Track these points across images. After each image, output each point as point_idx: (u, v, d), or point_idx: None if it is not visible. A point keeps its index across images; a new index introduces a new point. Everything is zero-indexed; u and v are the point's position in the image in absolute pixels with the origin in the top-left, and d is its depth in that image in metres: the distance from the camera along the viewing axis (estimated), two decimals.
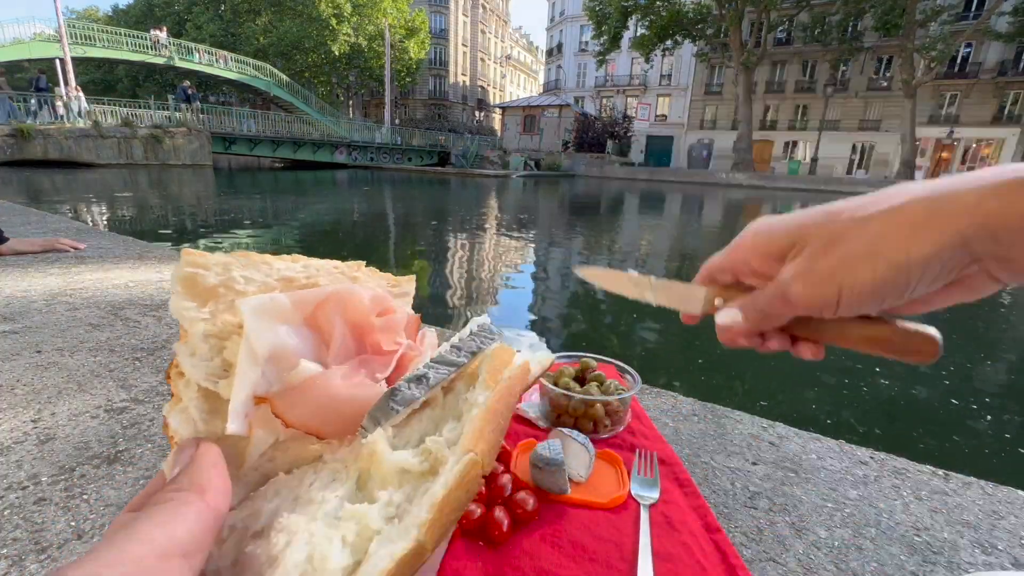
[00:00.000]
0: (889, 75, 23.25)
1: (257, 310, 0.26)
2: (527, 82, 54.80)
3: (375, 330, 0.32)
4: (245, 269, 0.28)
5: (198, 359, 0.26)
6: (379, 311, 0.33)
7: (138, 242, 2.05)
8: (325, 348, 0.30)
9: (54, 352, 0.91)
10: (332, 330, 0.30)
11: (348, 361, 0.30)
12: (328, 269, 0.32)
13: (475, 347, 0.33)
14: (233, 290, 0.28)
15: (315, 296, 0.29)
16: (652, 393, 0.84)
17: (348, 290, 0.31)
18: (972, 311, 3.21)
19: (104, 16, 38.86)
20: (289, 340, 0.28)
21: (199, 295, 0.27)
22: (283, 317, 0.28)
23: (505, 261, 4.24)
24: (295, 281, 0.30)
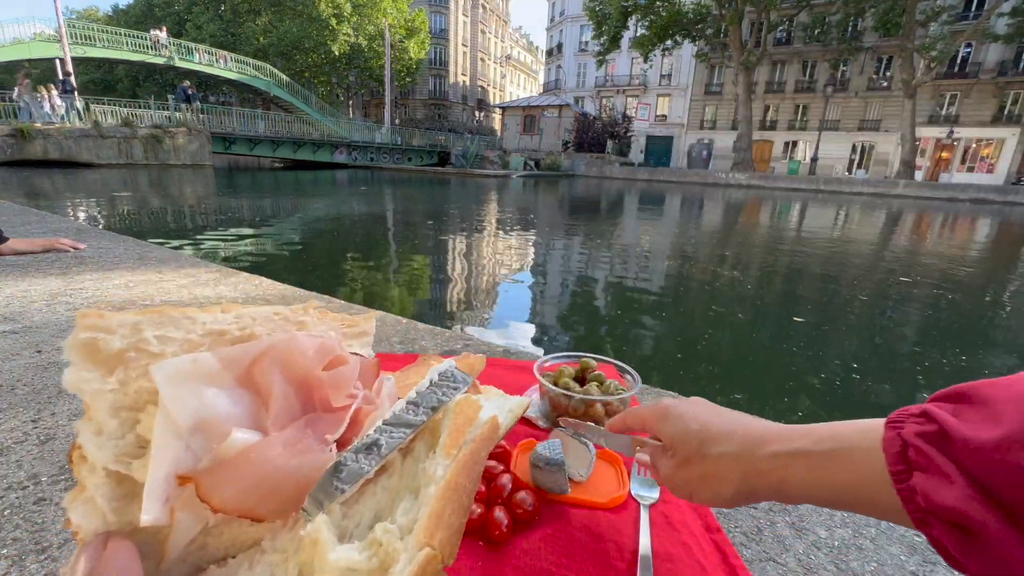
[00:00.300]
0: (889, 75, 23.23)
1: (174, 374, 0.23)
2: (527, 82, 54.79)
3: (323, 385, 0.28)
4: (160, 327, 0.25)
5: (105, 438, 0.23)
6: (326, 363, 0.29)
7: (138, 242, 2.05)
8: (264, 410, 0.26)
9: (54, 352, 0.91)
10: (271, 389, 0.26)
11: (293, 423, 0.26)
12: (267, 316, 0.29)
13: (435, 401, 0.30)
14: (147, 353, 0.24)
15: (248, 351, 0.26)
16: (652, 393, 0.84)
17: (287, 342, 0.27)
18: (975, 313, 3.21)
19: (104, 16, 38.84)
20: (218, 405, 0.24)
21: (103, 363, 0.23)
22: (209, 379, 0.24)
23: (505, 261, 4.24)
24: (226, 335, 0.27)
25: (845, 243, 6.20)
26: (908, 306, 3.24)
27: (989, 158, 22.03)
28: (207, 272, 1.58)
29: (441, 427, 0.29)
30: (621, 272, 3.97)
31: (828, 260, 4.92)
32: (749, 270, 4.29)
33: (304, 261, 3.86)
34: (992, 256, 5.85)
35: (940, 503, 0.21)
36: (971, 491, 0.20)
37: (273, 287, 1.43)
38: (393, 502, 0.26)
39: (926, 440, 0.23)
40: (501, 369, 0.84)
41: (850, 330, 2.72)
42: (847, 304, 3.26)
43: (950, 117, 22.35)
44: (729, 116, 26.24)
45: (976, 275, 4.53)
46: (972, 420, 0.22)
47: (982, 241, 7.15)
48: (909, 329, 2.79)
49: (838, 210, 11.16)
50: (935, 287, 3.82)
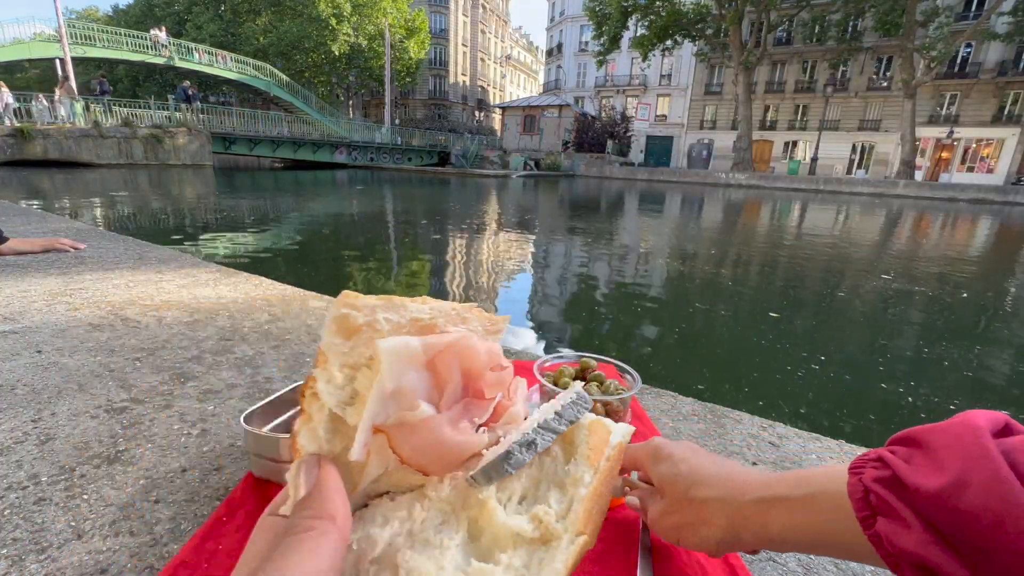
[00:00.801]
0: (889, 75, 23.24)
1: (393, 351, 0.29)
2: (527, 82, 54.80)
3: (484, 381, 0.35)
4: (387, 311, 0.31)
5: (333, 386, 0.29)
6: (492, 366, 0.36)
7: (138, 242, 2.05)
8: (438, 391, 0.32)
9: (54, 352, 0.91)
10: (449, 376, 0.32)
11: (455, 405, 0.33)
12: (446, 310, 0.35)
13: (573, 416, 0.36)
14: (373, 329, 0.30)
15: (440, 343, 0.32)
16: (652, 393, 0.84)
17: (469, 342, 0.34)
18: (974, 313, 3.21)
19: (104, 16, 38.87)
20: (412, 381, 0.30)
21: (345, 331, 0.30)
22: (412, 360, 0.31)
23: (505, 261, 4.24)
24: (420, 322, 0.33)
25: (845, 243, 6.20)
26: (908, 307, 3.24)
27: (989, 158, 22.04)
28: (207, 272, 1.58)
29: (577, 439, 0.36)
30: (621, 272, 3.97)
31: (829, 260, 4.92)
32: (749, 270, 4.29)
33: (304, 261, 3.87)
34: (993, 256, 5.85)
35: (903, 548, 0.22)
36: (927, 536, 0.22)
37: (273, 287, 1.43)
38: (537, 488, 0.33)
39: (883, 485, 0.24)
40: None
41: (849, 330, 2.72)
42: (846, 304, 3.26)
43: (950, 117, 22.36)
44: (729, 116, 26.26)
45: (977, 275, 4.53)
46: (921, 466, 0.23)
47: (982, 241, 7.15)
48: (908, 329, 2.79)
49: (838, 210, 11.17)
50: (935, 288, 3.82)
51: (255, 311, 1.19)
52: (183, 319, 1.11)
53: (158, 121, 15.39)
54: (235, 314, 1.16)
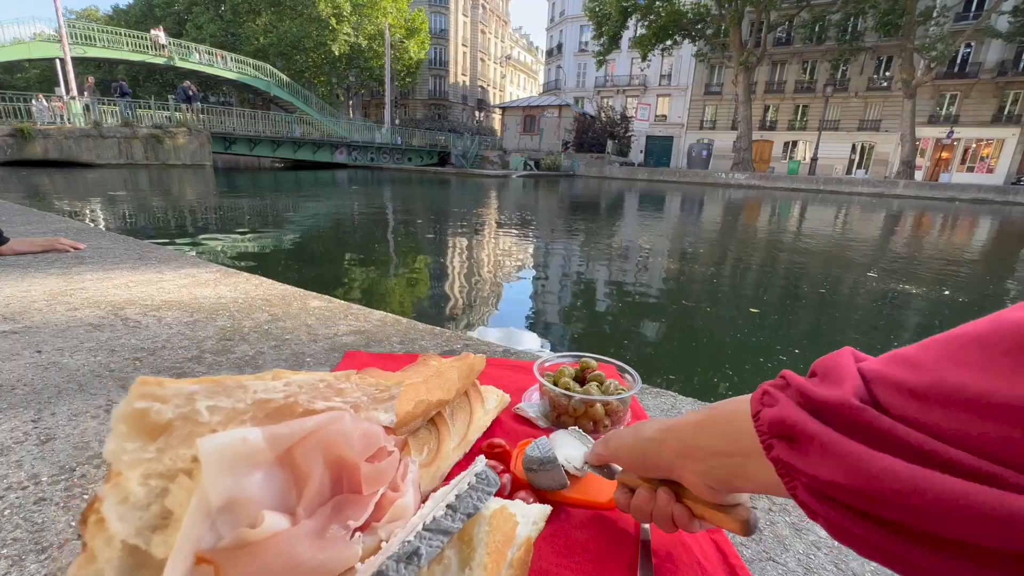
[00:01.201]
0: (889, 75, 23.24)
1: (221, 451, 0.23)
2: (527, 82, 54.79)
3: (360, 475, 0.28)
4: (213, 397, 0.25)
5: (130, 507, 0.22)
6: (370, 454, 0.29)
7: (139, 242, 2.05)
8: (296, 492, 0.26)
9: (54, 352, 0.91)
10: (310, 473, 0.26)
11: (321, 508, 0.26)
12: (312, 384, 0.29)
13: (472, 508, 0.30)
14: (193, 422, 0.24)
15: (296, 432, 0.26)
16: (652, 393, 0.84)
17: (337, 428, 0.27)
18: (975, 311, 3.21)
19: (104, 16, 38.87)
20: (253, 485, 0.24)
21: (147, 431, 0.23)
22: (253, 459, 0.24)
23: (505, 261, 4.24)
24: (270, 403, 0.27)
25: (845, 243, 6.20)
26: (908, 307, 3.24)
27: (989, 158, 22.03)
28: (207, 272, 1.58)
29: (475, 539, 0.29)
30: (621, 272, 3.97)
31: (829, 260, 4.92)
32: (749, 270, 4.29)
33: (304, 261, 3.87)
34: (994, 256, 5.85)
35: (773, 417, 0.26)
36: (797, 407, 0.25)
37: (273, 287, 1.43)
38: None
39: (774, 386, 0.28)
40: (501, 369, 0.84)
41: (849, 329, 2.72)
42: (847, 303, 3.26)
43: (950, 117, 22.35)
44: (729, 116, 26.25)
45: (977, 275, 4.53)
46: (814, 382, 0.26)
47: (982, 241, 7.15)
48: (908, 329, 2.79)
49: (838, 210, 11.16)
50: (936, 287, 3.82)
51: (255, 311, 1.19)
52: (183, 319, 1.11)
53: (158, 121, 15.39)
54: (235, 314, 1.16)
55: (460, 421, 0.61)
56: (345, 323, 1.12)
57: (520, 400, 0.72)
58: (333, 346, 0.97)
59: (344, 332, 1.06)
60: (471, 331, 2.48)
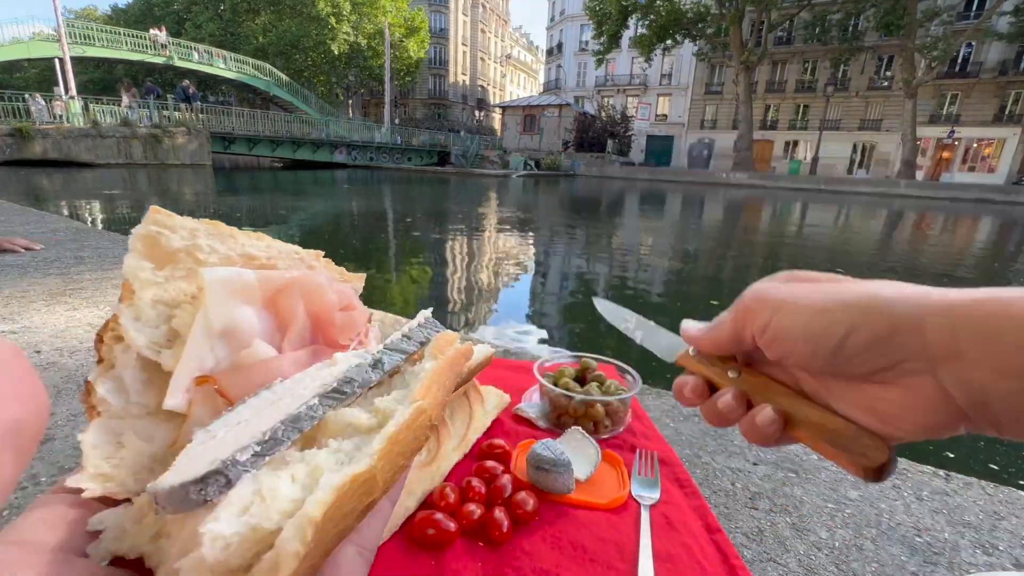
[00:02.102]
0: (890, 75, 23.23)
1: (221, 282, 0.25)
2: (527, 82, 54.75)
3: (334, 324, 0.31)
4: (211, 238, 0.27)
5: (143, 324, 0.24)
6: (342, 306, 0.32)
7: None
8: (280, 333, 0.29)
9: (53, 352, 0.90)
10: (292, 316, 0.29)
11: (303, 349, 0.29)
12: (288, 253, 0.32)
13: (423, 337, 0.33)
14: (194, 258, 0.26)
15: (281, 279, 0.28)
16: (652, 393, 0.84)
17: (315, 280, 0.30)
18: None
19: (103, 16, 38.84)
20: (247, 318, 0.26)
21: (158, 257, 0.26)
22: (246, 294, 0.27)
23: (505, 261, 4.24)
24: (256, 259, 0.29)
25: (845, 243, 6.20)
26: None
27: (990, 158, 22.02)
28: None
29: (424, 352, 0.32)
30: (621, 271, 3.97)
31: (829, 260, 4.92)
32: (749, 270, 4.29)
33: None
34: (995, 255, 5.85)
35: None
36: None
37: None
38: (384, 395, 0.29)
39: None
40: (501, 369, 0.84)
41: None
42: None
43: (951, 117, 22.34)
44: (729, 116, 26.24)
45: (978, 274, 4.52)
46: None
47: (983, 241, 7.15)
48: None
49: (839, 210, 11.16)
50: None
51: None
52: None
53: (157, 121, 15.39)
54: None
55: (460, 421, 0.61)
56: None
57: (520, 400, 0.72)
58: None
59: None
60: (471, 331, 2.48)
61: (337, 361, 0.27)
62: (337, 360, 0.27)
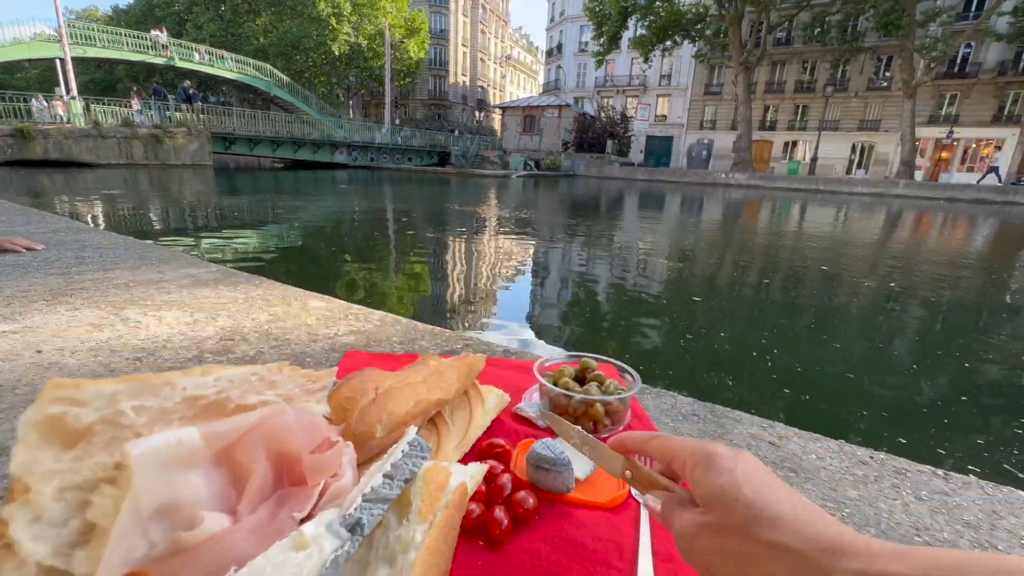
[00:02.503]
0: (889, 75, 23.25)
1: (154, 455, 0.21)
2: (527, 82, 54.80)
3: (303, 467, 0.27)
4: (138, 396, 0.23)
5: (45, 525, 0.19)
6: (313, 446, 0.28)
7: (139, 242, 2.05)
8: (236, 490, 0.24)
9: (54, 352, 0.91)
10: (251, 468, 0.25)
11: (264, 502, 0.25)
12: (244, 378, 0.28)
13: (408, 472, 0.29)
14: (116, 424, 0.22)
15: (236, 428, 0.24)
16: (652, 393, 0.84)
17: (278, 424, 0.26)
18: (972, 311, 3.21)
19: (104, 16, 38.87)
20: (191, 487, 0.22)
21: (63, 438, 0.21)
22: (189, 459, 0.22)
23: (505, 261, 4.24)
24: (201, 400, 0.25)
25: (845, 243, 6.20)
26: (908, 306, 3.24)
27: (989, 158, 22.04)
28: (207, 272, 1.58)
29: (411, 495, 0.29)
30: (621, 271, 3.97)
31: (828, 260, 4.92)
32: (749, 270, 4.29)
33: (304, 260, 3.87)
34: (995, 255, 5.86)
35: None
36: None
37: (273, 286, 1.43)
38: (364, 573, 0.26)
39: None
40: (501, 369, 0.84)
41: (850, 328, 2.72)
42: (847, 303, 3.26)
43: (950, 117, 22.36)
44: (729, 116, 26.26)
45: (978, 274, 4.53)
46: None
47: (983, 241, 7.15)
48: (908, 329, 2.79)
49: (838, 210, 11.17)
50: (936, 287, 3.82)
51: (255, 311, 1.19)
52: (183, 319, 1.11)
53: (158, 121, 15.41)
54: (235, 314, 1.16)
55: (460, 421, 0.61)
56: (345, 323, 1.12)
57: (520, 400, 0.72)
58: (333, 346, 0.97)
59: (344, 332, 1.06)
60: (471, 331, 2.48)
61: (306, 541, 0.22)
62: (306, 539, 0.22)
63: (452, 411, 0.61)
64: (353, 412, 0.44)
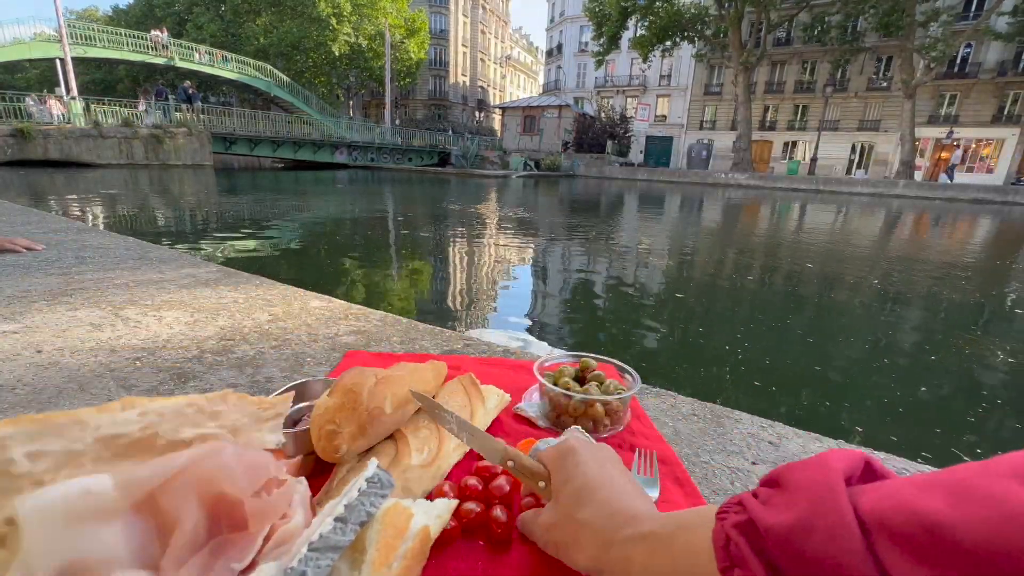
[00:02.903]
0: (889, 75, 23.26)
1: (49, 511, 0.18)
2: (527, 82, 54.81)
3: (245, 512, 0.24)
4: (34, 441, 0.20)
5: None
6: (257, 487, 0.25)
7: (139, 242, 2.05)
8: (159, 542, 0.21)
9: (54, 352, 0.91)
10: (179, 517, 0.22)
11: (198, 554, 0.22)
12: (177, 410, 0.25)
13: (364, 515, 0.26)
14: (7, 475, 0.19)
15: (158, 474, 0.21)
16: (652, 393, 0.84)
17: (214, 462, 0.23)
18: (972, 312, 3.21)
19: (104, 16, 38.89)
20: (100, 543, 0.19)
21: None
22: (99, 512, 0.19)
23: (505, 261, 4.25)
24: (122, 439, 0.22)
25: (845, 243, 6.20)
26: (908, 307, 3.24)
27: (989, 158, 22.05)
28: (208, 272, 1.58)
29: (367, 539, 0.26)
30: (621, 271, 3.97)
31: (828, 260, 4.92)
32: (748, 270, 4.29)
33: (304, 260, 3.87)
34: (995, 256, 5.86)
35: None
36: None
37: (273, 286, 1.43)
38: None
39: (740, 531, 0.22)
40: (501, 369, 0.84)
41: (849, 329, 2.72)
42: (847, 303, 3.26)
43: (950, 117, 22.36)
44: (728, 116, 26.26)
45: (978, 274, 4.53)
46: (776, 506, 0.22)
47: (983, 241, 7.15)
48: (908, 329, 2.79)
49: (838, 210, 11.17)
50: (935, 288, 3.82)
51: (255, 311, 1.19)
52: (184, 319, 1.11)
53: (158, 121, 15.42)
54: (235, 314, 1.16)
55: None
56: (345, 323, 1.12)
57: (520, 400, 0.72)
58: (333, 346, 0.97)
59: (344, 332, 1.06)
60: (471, 331, 2.48)
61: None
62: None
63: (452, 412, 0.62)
64: (362, 393, 0.49)
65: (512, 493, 0.49)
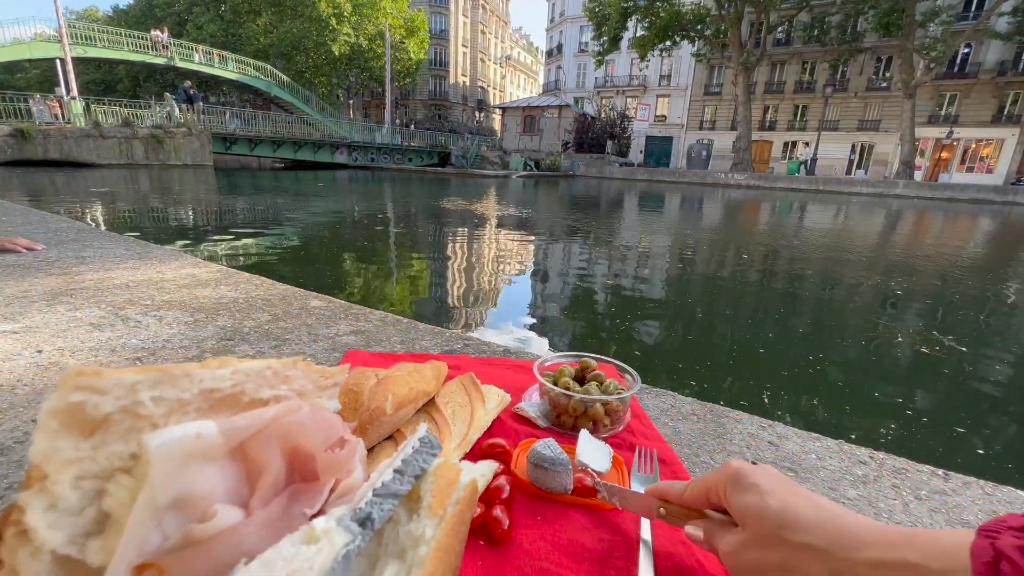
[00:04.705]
0: (889, 75, 23.26)
1: (170, 450, 0.21)
2: (527, 82, 54.81)
3: (317, 464, 0.27)
4: (158, 388, 0.23)
5: (61, 514, 0.19)
6: (329, 443, 0.29)
7: (139, 242, 2.05)
8: (249, 485, 0.24)
9: (54, 352, 0.91)
10: (266, 465, 0.25)
11: (276, 497, 0.25)
12: (259, 372, 0.28)
13: (418, 469, 0.29)
14: (134, 415, 0.22)
15: (253, 424, 0.25)
16: (652, 393, 0.84)
17: (294, 422, 0.26)
18: (973, 310, 3.21)
19: (104, 16, 38.88)
20: (205, 480, 0.22)
21: (82, 427, 0.21)
22: (206, 452, 0.22)
23: (505, 261, 4.24)
24: (216, 392, 0.25)
25: (844, 243, 6.20)
26: (908, 307, 3.24)
27: (988, 158, 22.05)
28: (208, 272, 1.58)
29: (422, 490, 0.29)
30: (621, 271, 3.97)
31: (828, 260, 4.92)
32: (748, 270, 4.29)
33: (304, 261, 3.87)
34: (994, 256, 5.86)
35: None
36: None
37: (273, 286, 1.43)
38: (374, 569, 0.25)
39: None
40: (501, 369, 0.84)
41: (849, 329, 2.72)
42: (847, 303, 3.26)
43: (949, 117, 22.36)
44: (728, 116, 26.26)
45: (977, 274, 4.53)
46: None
47: (982, 241, 7.15)
48: (908, 329, 2.79)
49: (837, 210, 11.17)
50: (934, 288, 3.82)
51: (255, 311, 1.19)
52: (184, 319, 1.11)
53: (158, 121, 15.42)
54: (236, 314, 1.16)
55: (461, 421, 0.61)
56: (345, 323, 1.12)
57: (520, 400, 0.72)
58: (333, 346, 0.97)
59: (344, 332, 1.06)
60: (471, 331, 2.48)
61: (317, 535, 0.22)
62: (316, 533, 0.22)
63: (454, 411, 0.62)
64: (363, 394, 0.50)
65: (512, 493, 0.49)
